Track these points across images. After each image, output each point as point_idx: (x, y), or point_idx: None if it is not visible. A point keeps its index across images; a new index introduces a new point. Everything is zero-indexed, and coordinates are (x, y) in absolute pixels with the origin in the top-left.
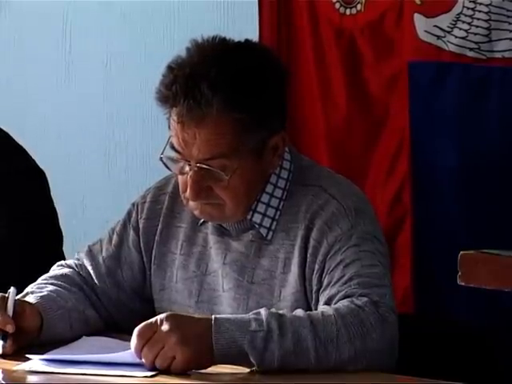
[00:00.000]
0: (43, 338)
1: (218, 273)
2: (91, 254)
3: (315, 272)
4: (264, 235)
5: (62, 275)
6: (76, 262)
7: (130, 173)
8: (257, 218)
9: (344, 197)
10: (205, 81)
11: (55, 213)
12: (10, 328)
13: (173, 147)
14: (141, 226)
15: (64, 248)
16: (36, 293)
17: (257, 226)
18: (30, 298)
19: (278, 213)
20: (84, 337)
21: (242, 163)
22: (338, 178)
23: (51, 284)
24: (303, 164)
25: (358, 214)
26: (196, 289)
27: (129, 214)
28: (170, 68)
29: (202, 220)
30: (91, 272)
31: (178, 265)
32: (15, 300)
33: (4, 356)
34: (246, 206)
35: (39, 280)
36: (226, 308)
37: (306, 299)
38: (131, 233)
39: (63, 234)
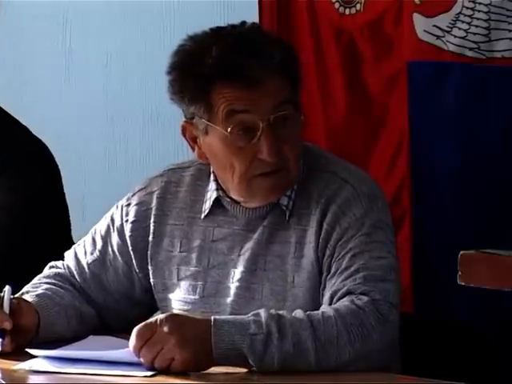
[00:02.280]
0: (41, 336)
1: (228, 265)
2: (76, 257)
3: (326, 257)
4: (286, 218)
5: (55, 274)
6: (65, 263)
7: (129, 173)
8: (284, 200)
9: (357, 182)
10: (257, 39)
11: (63, 194)
12: (7, 325)
13: (234, 112)
14: (127, 228)
15: None
16: (31, 292)
17: (284, 207)
18: (26, 297)
19: (296, 197)
20: (91, 336)
21: (300, 119)
22: (346, 162)
23: (45, 283)
24: (310, 148)
25: (372, 200)
26: (200, 283)
27: (112, 217)
28: (202, 48)
29: (206, 213)
30: (77, 277)
31: (178, 262)
32: (11, 298)
33: (3, 354)
34: (300, 170)
35: (34, 280)
36: (237, 299)
37: (320, 285)
38: (115, 237)
39: None
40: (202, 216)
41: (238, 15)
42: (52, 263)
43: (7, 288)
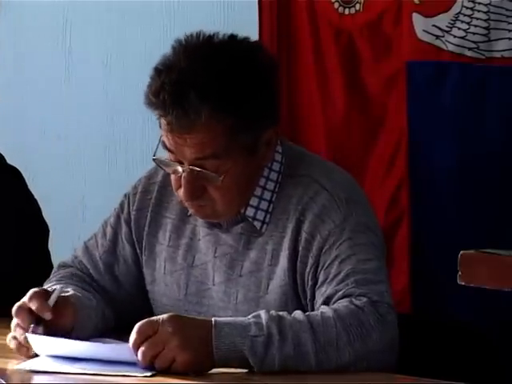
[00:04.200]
0: (73, 337)
1: (208, 266)
2: (88, 251)
3: (309, 267)
4: (258, 228)
5: (72, 274)
6: (75, 260)
7: (129, 173)
8: (250, 211)
9: (335, 187)
10: (192, 89)
11: (39, 207)
12: (47, 315)
13: (165, 147)
14: (132, 217)
15: (64, 248)
16: (63, 292)
17: (250, 219)
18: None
19: (271, 205)
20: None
21: (235, 162)
22: (329, 166)
23: (69, 284)
24: (294, 154)
25: (350, 205)
26: (184, 282)
27: (121, 205)
28: (157, 71)
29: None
30: (91, 271)
31: (165, 257)
32: (60, 296)
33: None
34: (240, 203)
35: (52, 282)
36: (217, 302)
37: (295, 293)
38: (124, 226)
39: (63, 234)
40: (188, 214)
41: (237, 15)
42: (62, 262)
43: (58, 287)
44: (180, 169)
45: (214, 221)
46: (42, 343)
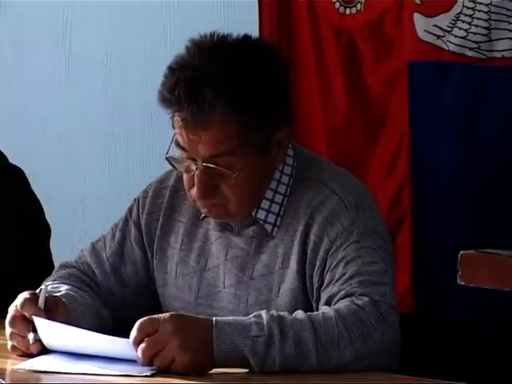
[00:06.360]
0: None
1: (219, 269)
2: (95, 251)
3: (316, 268)
4: (269, 231)
5: (69, 274)
6: (79, 260)
7: (129, 173)
8: (261, 214)
9: (344, 191)
10: (207, 85)
11: (41, 207)
12: None
13: (178, 145)
14: (143, 221)
15: (64, 248)
16: (54, 292)
17: (261, 222)
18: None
19: (283, 209)
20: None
21: (248, 160)
22: (340, 171)
23: (64, 283)
24: (305, 159)
25: (359, 209)
26: (195, 284)
27: (130, 209)
28: (171, 69)
29: (204, 215)
30: (96, 271)
31: (177, 260)
32: (47, 296)
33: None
34: (252, 203)
35: (48, 282)
36: (227, 305)
37: (305, 295)
38: (133, 229)
39: (63, 234)
40: (200, 218)
41: (238, 15)
42: (64, 262)
43: (44, 286)
44: (193, 166)
45: (226, 221)
46: (47, 328)
